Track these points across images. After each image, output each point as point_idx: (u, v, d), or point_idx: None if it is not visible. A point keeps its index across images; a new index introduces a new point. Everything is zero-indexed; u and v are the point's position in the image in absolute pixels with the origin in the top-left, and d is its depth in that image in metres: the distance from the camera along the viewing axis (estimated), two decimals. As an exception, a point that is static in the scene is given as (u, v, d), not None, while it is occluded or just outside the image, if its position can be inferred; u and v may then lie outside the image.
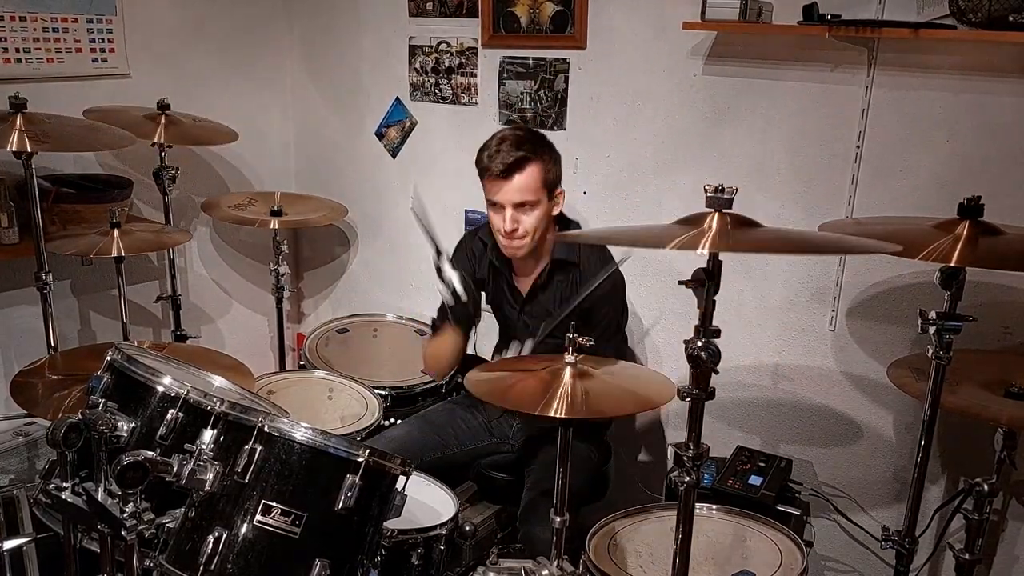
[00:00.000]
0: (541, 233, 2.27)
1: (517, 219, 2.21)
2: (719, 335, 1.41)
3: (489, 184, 2.24)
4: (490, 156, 2.21)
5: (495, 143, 2.21)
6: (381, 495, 1.63)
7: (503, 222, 2.22)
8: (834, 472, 2.51)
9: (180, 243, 2.99)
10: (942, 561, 2.38)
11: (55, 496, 1.60)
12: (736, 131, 2.49)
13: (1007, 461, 1.90)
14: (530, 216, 2.22)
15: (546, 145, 2.26)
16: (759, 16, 2.26)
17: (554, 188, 2.26)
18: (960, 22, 2.01)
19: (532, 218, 2.22)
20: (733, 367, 2.61)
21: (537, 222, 2.23)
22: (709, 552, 1.90)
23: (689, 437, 1.47)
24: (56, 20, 2.84)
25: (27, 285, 2.69)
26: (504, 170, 2.17)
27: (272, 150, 3.60)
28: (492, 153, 2.20)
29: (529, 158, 2.18)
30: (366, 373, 2.79)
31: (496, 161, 2.18)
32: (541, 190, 2.21)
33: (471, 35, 2.98)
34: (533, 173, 2.19)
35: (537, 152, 2.21)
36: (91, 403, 1.67)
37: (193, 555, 1.51)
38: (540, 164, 2.21)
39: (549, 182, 2.23)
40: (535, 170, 2.19)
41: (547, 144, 2.27)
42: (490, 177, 2.22)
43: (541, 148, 2.23)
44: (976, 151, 2.15)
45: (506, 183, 2.19)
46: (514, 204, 2.20)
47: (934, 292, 1.84)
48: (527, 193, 2.19)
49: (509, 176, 2.18)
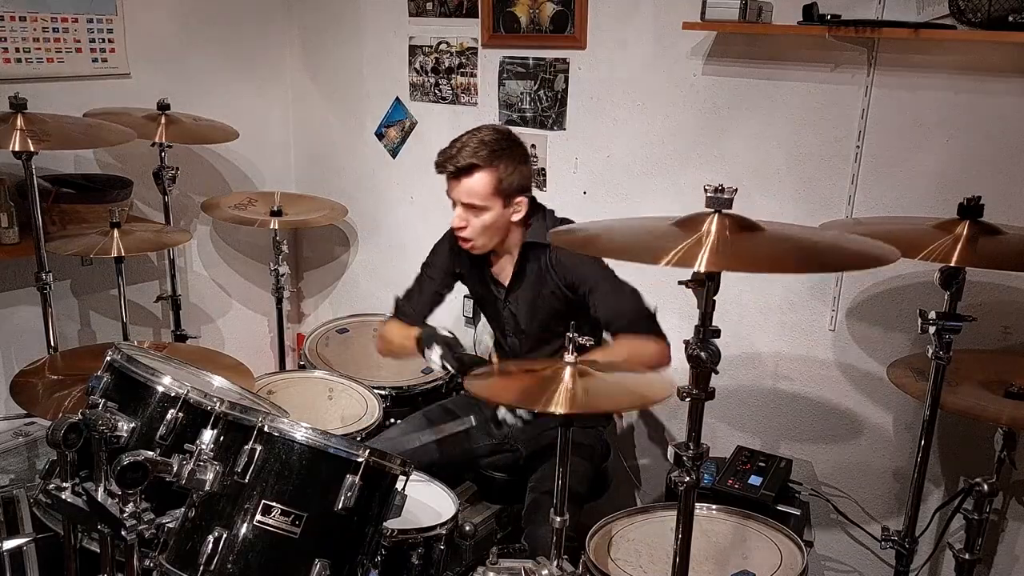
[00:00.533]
0: (498, 236, 2.27)
1: (466, 219, 2.22)
2: (719, 335, 1.41)
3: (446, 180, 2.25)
4: (446, 152, 2.21)
5: (459, 142, 2.21)
6: (381, 495, 1.63)
7: (454, 218, 2.24)
8: (834, 472, 2.51)
9: (180, 243, 2.99)
10: (942, 561, 2.38)
11: (55, 496, 1.60)
12: (736, 131, 2.49)
13: (1007, 461, 1.90)
14: (479, 219, 2.21)
15: (508, 154, 2.21)
16: (759, 16, 2.26)
17: (512, 196, 2.22)
18: (960, 22, 2.01)
19: (480, 222, 2.21)
20: (733, 367, 2.61)
21: (486, 227, 2.22)
22: (709, 552, 1.90)
23: (689, 437, 1.47)
24: (56, 20, 2.84)
25: (27, 285, 2.69)
26: (453, 172, 2.19)
27: (272, 150, 3.60)
28: (449, 151, 2.21)
29: (478, 166, 2.16)
30: (366, 373, 2.79)
31: (449, 160, 2.19)
32: (492, 197, 2.19)
33: (471, 35, 2.98)
34: (483, 180, 2.17)
35: (492, 161, 2.17)
36: (91, 403, 1.67)
37: (193, 555, 1.51)
38: (492, 173, 2.17)
39: (503, 191, 2.20)
40: (485, 177, 2.17)
41: (511, 153, 2.22)
42: (440, 173, 2.24)
43: (499, 157, 2.19)
44: (976, 151, 2.15)
45: (455, 183, 2.20)
46: (463, 204, 2.22)
47: (934, 292, 1.85)
48: (474, 198, 2.18)
49: (457, 178, 2.19)
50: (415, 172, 3.30)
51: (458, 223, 2.23)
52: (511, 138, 2.26)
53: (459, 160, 2.17)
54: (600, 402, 1.76)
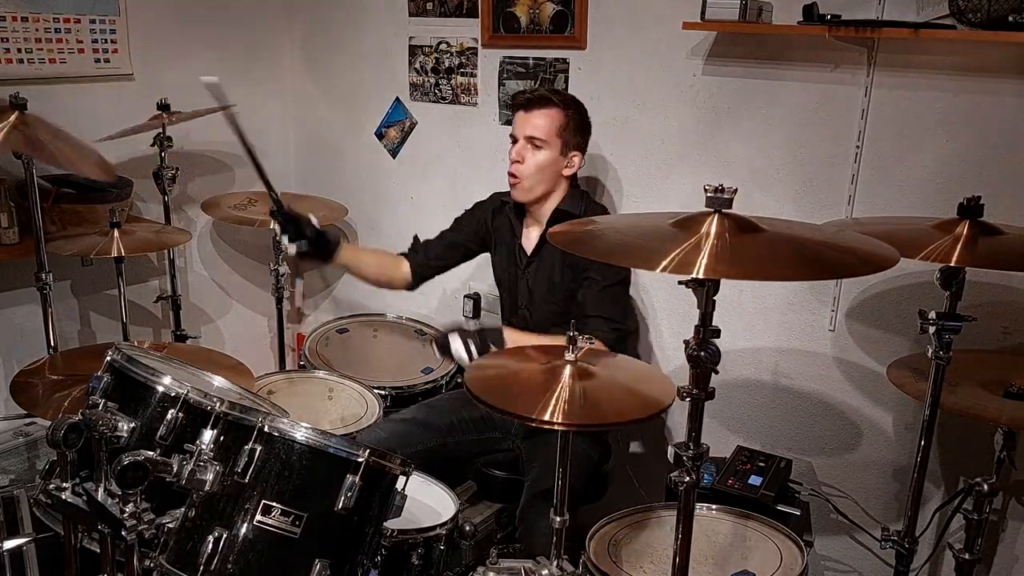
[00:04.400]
0: (545, 184, 2.36)
1: (522, 154, 2.34)
2: (719, 335, 1.41)
3: (514, 118, 2.40)
4: (523, 92, 2.45)
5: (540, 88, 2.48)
6: (381, 495, 1.63)
7: (511, 152, 2.36)
8: (834, 472, 2.51)
9: (180, 243, 2.99)
10: (942, 561, 2.38)
11: (55, 496, 1.60)
12: (736, 131, 2.49)
13: (1007, 461, 1.90)
14: (535, 156, 2.33)
15: (579, 110, 2.38)
16: (759, 16, 2.26)
17: (569, 145, 2.35)
18: (960, 22, 2.01)
19: (535, 160, 2.33)
20: (733, 367, 2.61)
21: (539, 166, 2.33)
22: (709, 552, 1.90)
23: (689, 437, 1.47)
24: (59, 21, 2.84)
25: (27, 285, 2.69)
26: (526, 102, 2.35)
27: (272, 150, 3.60)
28: (529, 91, 2.45)
29: (552, 101, 2.33)
30: (366, 373, 2.79)
31: (525, 95, 2.38)
32: (553, 135, 2.32)
33: (471, 35, 2.98)
34: (551, 115, 2.32)
35: (564, 103, 2.35)
36: (91, 403, 1.67)
37: (193, 555, 1.51)
38: (560, 112, 2.33)
39: (564, 133, 2.33)
40: (553, 114, 2.32)
41: (581, 112, 2.39)
42: (515, 109, 2.40)
43: (570, 104, 2.36)
44: (976, 151, 2.15)
45: (524, 114, 2.34)
46: (525, 136, 2.33)
47: (934, 292, 1.84)
48: (538, 130, 2.31)
49: (529, 108, 2.34)
50: (415, 172, 3.30)
51: (515, 156, 2.35)
52: (583, 107, 2.43)
53: (535, 93, 2.38)
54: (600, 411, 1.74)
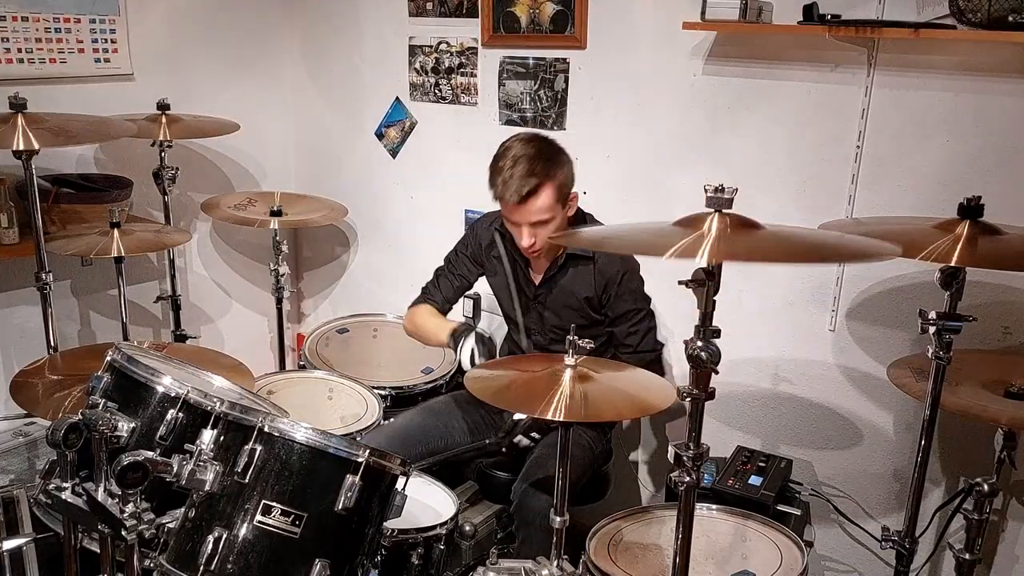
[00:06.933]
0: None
1: (535, 234, 2.22)
2: (719, 335, 1.41)
3: (504, 207, 2.23)
4: (504, 182, 2.16)
5: (508, 165, 2.17)
6: (381, 495, 1.63)
7: (521, 238, 2.24)
8: (834, 472, 2.51)
9: (180, 243, 2.99)
10: (942, 561, 2.38)
11: (55, 496, 1.60)
12: (736, 131, 2.49)
13: (1007, 461, 1.90)
14: (547, 229, 2.22)
15: (556, 158, 2.22)
16: (759, 16, 2.26)
17: (568, 197, 2.25)
18: (960, 22, 2.01)
19: (547, 231, 2.22)
20: (733, 367, 2.61)
21: (551, 233, 2.22)
22: (709, 552, 1.90)
23: (689, 437, 1.47)
24: (59, 20, 2.84)
25: (27, 285, 2.69)
26: (519, 199, 2.16)
27: (272, 150, 3.60)
28: (506, 179, 2.16)
29: (543, 182, 2.15)
30: (366, 373, 2.79)
31: (511, 190, 2.15)
32: (556, 206, 2.20)
33: (471, 35, 2.98)
34: (548, 194, 2.17)
35: (550, 172, 2.17)
36: (91, 403, 1.67)
37: (193, 555, 1.51)
38: (554, 184, 2.17)
39: (563, 196, 2.22)
40: (550, 191, 2.17)
41: (559, 157, 2.23)
42: (505, 203, 2.21)
43: (554, 166, 2.19)
44: (976, 151, 2.15)
45: (522, 207, 2.18)
46: (530, 224, 2.20)
47: (934, 292, 1.84)
48: (543, 213, 2.18)
49: (524, 202, 2.16)
50: (415, 172, 3.30)
51: (529, 241, 2.22)
52: (547, 141, 2.26)
53: (525, 185, 2.15)
54: (600, 410, 1.76)
